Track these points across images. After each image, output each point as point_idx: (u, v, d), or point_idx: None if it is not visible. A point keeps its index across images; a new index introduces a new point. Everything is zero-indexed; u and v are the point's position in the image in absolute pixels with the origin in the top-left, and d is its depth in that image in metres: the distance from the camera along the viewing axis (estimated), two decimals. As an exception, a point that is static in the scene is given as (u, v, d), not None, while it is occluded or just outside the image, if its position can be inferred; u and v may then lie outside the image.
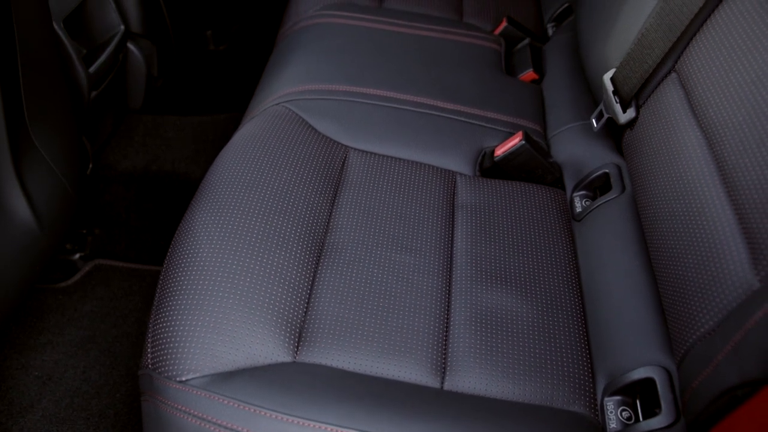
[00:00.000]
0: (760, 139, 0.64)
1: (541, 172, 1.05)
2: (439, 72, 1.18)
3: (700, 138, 0.75)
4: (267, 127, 1.01)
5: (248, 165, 0.92)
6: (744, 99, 0.68)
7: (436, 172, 1.00)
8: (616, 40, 0.98)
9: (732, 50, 0.73)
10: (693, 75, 0.80)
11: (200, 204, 0.89)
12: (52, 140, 1.00)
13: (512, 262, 0.88)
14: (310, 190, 0.91)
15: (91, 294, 1.32)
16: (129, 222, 1.46)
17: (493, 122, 1.11)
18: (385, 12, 1.35)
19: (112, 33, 1.32)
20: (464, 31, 1.32)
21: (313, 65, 1.17)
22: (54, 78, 0.99)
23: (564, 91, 1.19)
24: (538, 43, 1.36)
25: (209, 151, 1.60)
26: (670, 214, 0.76)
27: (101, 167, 1.54)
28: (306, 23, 1.31)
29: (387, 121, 1.07)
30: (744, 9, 0.73)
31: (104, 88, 1.31)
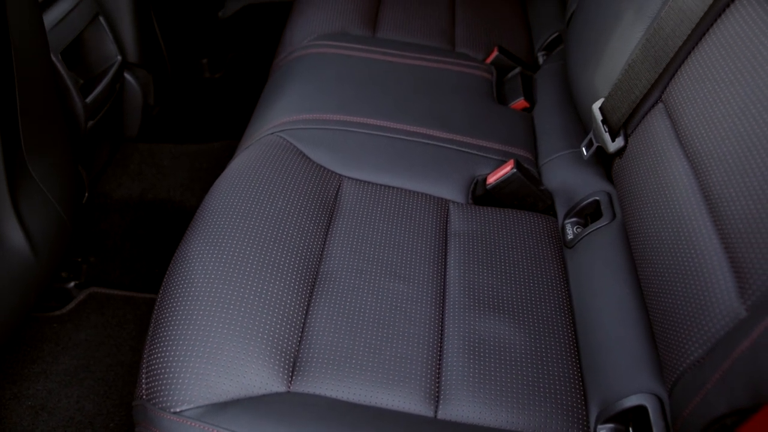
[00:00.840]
0: (744, 170, 0.65)
1: (532, 200, 1.06)
2: (431, 101, 1.20)
3: (686, 168, 0.76)
4: (261, 156, 1.02)
5: (243, 194, 0.93)
6: (728, 130, 0.70)
7: (429, 200, 1.02)
8: (604, 70, 1.00)
9: (716, 82, 0.75)
10: (679, 106, 0.81)
11: (195, 234, 0.90)
12: (49, 170, 1.01)
13: (505, 290, 0.89)
14: (304, 219, 0.92)
15: (85, 322, 1.32)
16: (124, 250, 1.46)
17: (485, 150, 1.12)
18: (378, 42, 1.37)
19: (109, 63, 1.34)
20: (456, 60, 1.34)
21: (307, 95, 1.18)
22: (51, 109, 1.01)
23: (554, 119, 1.21)
24: (529, 71, 1.38)
25: (204, 179, 1.61)
26: (659, 242, 0.77)
27: (97, 195, 1.55)
28: (300, 53, 1.33)
29: (380, 150, 1.08)
30: (726, 43, 0.75)
31: (101, 118, 1.32)
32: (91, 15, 1.24)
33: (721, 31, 0.76)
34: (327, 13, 1.44)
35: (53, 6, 1.15)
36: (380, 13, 1.48)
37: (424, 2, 1.53)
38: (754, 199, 0.62)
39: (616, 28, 0.99)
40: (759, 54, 0.68)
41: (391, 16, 1.47)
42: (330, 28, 1.40)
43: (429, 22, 1.47)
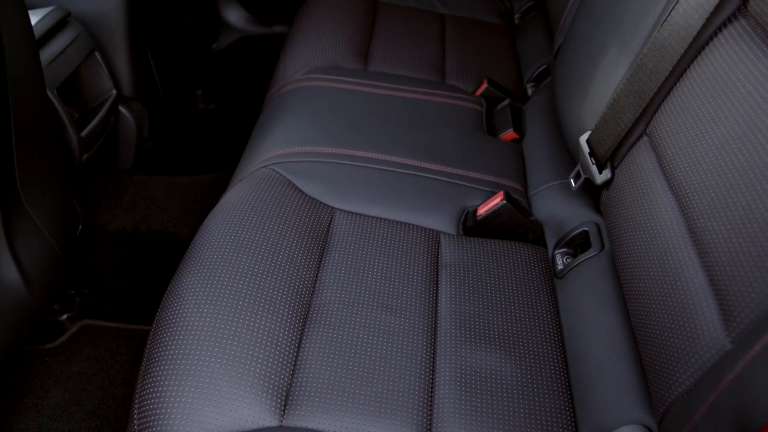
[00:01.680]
0: (725, 204, 0.67)
1: (522, 231, 1.07)
2: (422, 133, 1.22)
3: (671, 200, 0.78)
4: (254, 189, 1.03)
5: (236, 227, 0.94)
6: (710, 164, 0.72)
7: (421, 232, 1.03)
8: (591, 103, 1.02)
9: (697, 117, 0.76)
10: (663, 139, 0.83)
11: (188, 267, 0.91)
12: (43, 205, 1.02)
13: (496, 321, 0.90)
14: (296, 252, 0.93)
15: (77, 355, 1.32)
16: (117, 282, 1.47)
17: (476, 182, 1.14)
18: (370, 75, 1.39)
19: (105, 97, 1.35)
20: (447, 92, 1.36)
21: (299, 128, 1.20)
22: (46, 144, 1.02)
23: (543, 150, 1.23)
24: (518, 103, 1.40)
25: (198, 211, 1.62)
26: (646, 274, 0.78)
27: (90, 228, 1.55)
28: (293, 86, 1.35)
29: (372, 182, 1.10)
30: (706, 79, 0.77)
31: (95, 151, 1.34)
32: (87, 50, 1.26)
33: (701, 68, 0.78)
34: (319, 47, 1.46)
35: (50, 42, 1.17)
36: (372, 47, 1.51)
37: (414, 35, 1.57)
38: (736, 232, 0.64)
39: (602, 63, 1.02)
40: (737, 91, 0.70)
41: (382, 49, 1.50)
42: (322, 62, 1.42)
43: (420, 54, 1.50)
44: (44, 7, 1.20)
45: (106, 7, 1.30)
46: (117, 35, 1.35)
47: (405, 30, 1.58)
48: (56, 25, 1.19)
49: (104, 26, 1.33)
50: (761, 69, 0.68)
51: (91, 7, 1.29)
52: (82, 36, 1.25)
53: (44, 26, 1.15)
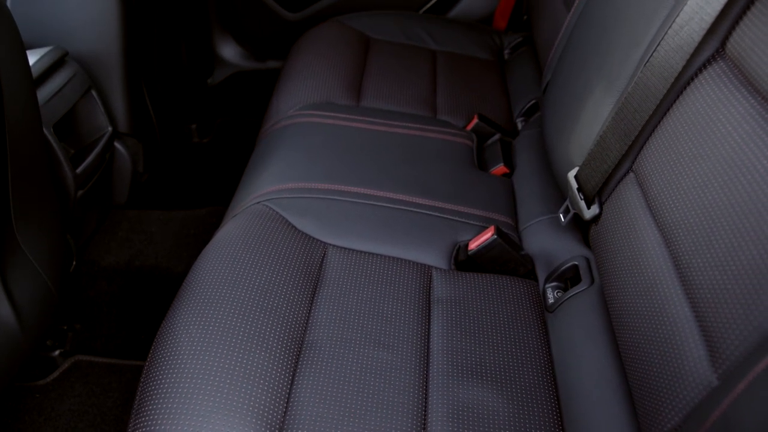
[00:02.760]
0: (709, 241, 0.68)
1: (513, 265, 1.08)
2: (414, 168, 1.24)
3: (657, 237, 0.79)
4: (247, 226, 1.04)
5: (229, 264, 0.95)
6: (694, 202, 0.73)
7: (413, 267, 1.04)
8: (578, 140, 1.04)
9: (680, 155, 0.78)
10: (648, 176, 0.85)
11: (181, 304, 0.91)
12: (38, 242, 1.02)
13: (488, 356, 0.90)
14: (289, 288, 0.94)
15: (69, 392, 1.31)
16: (110, 317, 1.46)
17: (467, 216, 1.15)
18: (363, 111, 1.42)
19: (100, 134, 1.37)
20: (438, 128, 1.39)
21: (292, 164, 1.22)
22: (42, 181, 1.03)
23: (533, 184, 1.25)
24: (508, 137, 1.43)
25: (192, 246, 1.63)
26: (634, 309, 0.79)
27: (84, 263, 1.56)
28: (286, 122, 1.37)
29: (364, 218, 1.11)
30: (688, 119, 0.79)
31: (90, 186, 1.35)
32: (84, 89, 1.28)
33: (684, 108, 0.81)
34: (312, 83, 1.49)
35: (47, 81, 1.19)
36: (364, 83, 1.53)
37: (406, 71, 1.59)
38: (719, 269, 0.65)
39: (588, 101, 1.04)
40: (717, 131, 0.72)
41: (374, 85, 1.52)
42: (315, 98, 1.44)
43: (411, 90, 1.53)
44: (43, 47, 1.22)
45: (103, 46, 1.32)
46: (113, 73, 1.37)
47: (397, 66, 1.61)
48: (54, 65, 1.21)
49: (101, 64, 1.36)
50: (739, 110, 0.70)
51: (89, 47, 1.31)
52: (79, 75, 1.27)
53: (42, 66, 1.17)
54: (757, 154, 0.65)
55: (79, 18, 1.27)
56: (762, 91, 0.68)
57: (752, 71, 0.71)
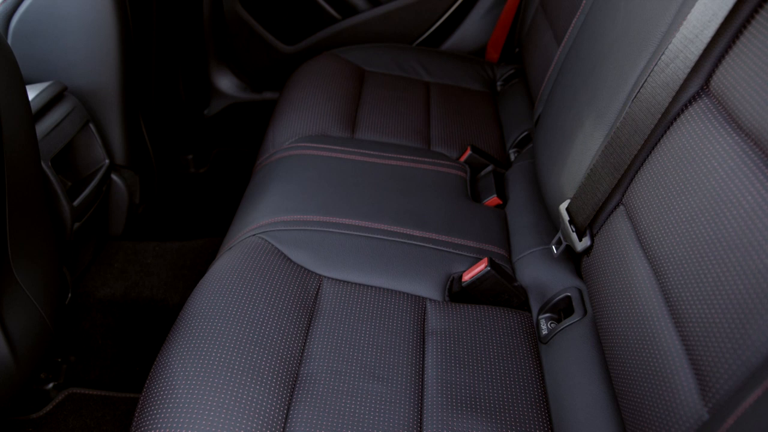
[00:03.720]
0: (697, 275, 0.69)
1: (507, 296, 1.09)
2: (408, 200, 1.25)
3: (647, 270, 0.80)
4: (243, 259, 1.05)
5: (224, 298, 0.96)
6: (682, 236, 0.74)
7: (407, 299, 1.05)
8: (569, 172, 1.06)
9: (668, 189, 0.80)
10: (638, 210, 0.86)
11: (177, 338, 0.91)
12: (34, 275, 1.03)
13: (482, 389, 0.91)
14: (284, 321, 0.95)
15: (62, 426, 1.30)
16: (105, 349, 1.46)
17: (461, 248, 1.16)
18: (357, 143, 1.43)
19: (98, 166, 1.38)
20: (432, 159, 1.41)
21: (288, 196, 1.23)
22: (39, 215, 1.04)
23: (526, 215, 1.26)
24: (501, 168, 1.45)
25: (188, 277, 1.63)
26: (626, 342, 0.80)
27: (79, 295, 1.56)
28: (282, 155, 1.39)
29: (359, 250, 1.12)
30: (675, 153, 0.81)
31: (87, 219, 1.35)
32: (82, 123, 1.30)
33: (671, 143, 0.82)
34: (308, 116, 1.51)
35: (46, 116, 1.21)
36: (359, 115, 1.56)
37: (400, 103, 1.62)
38: (707, 303, 0.66)
39: (578, 134, 1.06)
40: (703, 166, 0.74)
41: (369, 117, 1.54)
42: (310, 130, 1.46)
43: (405, 122, 1.55)
44: (42, 82, 1.24)
45: (101, 80, 1.34)
46: (111, 106, 1.39)
47: (391, 98, 1.64)
48: (53, 99, 1.22)
49: (99, 98, 1.37)
50: (724, 146, 0.72)
51: (88, 81, 1.33)
52: (78, 109, 1.28)
53: (41, 101, 1.18)
54: (742, 189, 0.66)
55: (79, 53, 1.29)
56: (745, 127, 0.70)
57: (735, 108, 0.72)
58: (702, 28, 0.78)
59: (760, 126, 0.67)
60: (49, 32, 1.26)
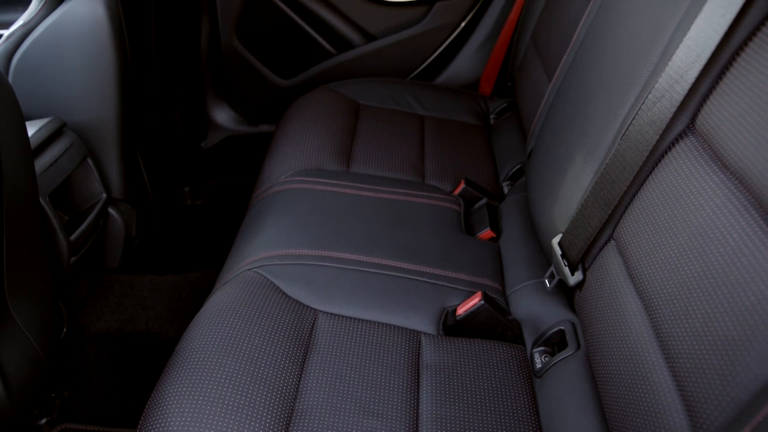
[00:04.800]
0: (686, 311, 0.70)
1: (501, 330, 1.10)
2: (403, 234, 1.26)
3: (638, 305, 0.81)
4: (238, 293, 1.06)
5: (220, 333, 0.96)
6: (671, 271, 0.76)
7: (402, 333, 1.05)
8: (561, 207, 1.08)
9: (657, 225, 0.81)
10: (628, 245, 0.88)
11: (172, 373, 0.92)
12: (30, 310, 1.03)
13: (477, 424, 0.91)
14: (280, 356, 0.95)
15: (55, 461, 1.29)
16: (99, 383, 1.45)
17: (455, 282, 1.17)
18: (352, 176, 1.45)
19: (95, 201, 1.39)
20: (426, 193, 1.42)
21: (283, 230, 1.24)
22: (36, 251, 1.05)
23: (520, 249, 1.28)
24: (495, 202, 1.46)
25: (183, 310, 1.63)
26: (617, 376, 0.81)
27: (75, 329, 1.56)
28: (277, 189, 1.40)
29: (354, 284, 1.13)
30: (664, 190, 0.82)
31: (83, 253, 1.36)
32: (80, 158, 1.31)
33: (659, 180, 0.84)
34: (303, 150, 1.53)
35: (45, 152, 1.22)
36: (354, 148, 1.58)
37: (395, 137, 1.64)
38: (697, 339, 0.67)
39: (570, 169, 1.08)
40: (690, 203, 0.75)
41: (364, 151, 1.56)
42: (306, 164, 1.48)
43: (400, 155, 1.57)
44: (42, 118, 1.26)
45: (100, 115, 1.36)
46: (109, 141, 1.41)
47: (386, 131, 1.66)
48: (52, 135, 1.24)
49: (98, 133, 1.39)
50: (710, 184, 0.73)
51: (87, 116, 1.35)
52: (76, 144, 1.30)
53: (40, 137, 1.20)
54: (728, 227, 0.68)
55: (79, 89, 1.32)
56: (730, 166, 0.72)
57: (720, 147, 0.74)
58: (686, 68, 0.80)
59: (744, 165, 0.69)
60: (50, 69, 1.28)
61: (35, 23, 1.25)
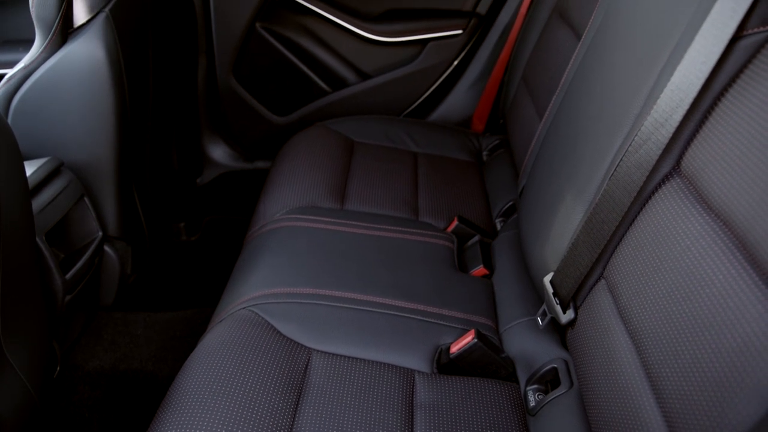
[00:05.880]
0: (675, 351, 0.71)
1: (494, 367, 1.10)
2: (396, 271, 1.28)
3: (629, 344, 0.82)
4: (233, 332, 1.06)
5: (214, 373, 0.96)
6: (659, 311, 0.77)
7: (396, 372, 1.05)
8: (552, 246, 1.09)
9: (645, 265, 0.83)
10: (618, 284, 0.89)
11: (166, 414, 0.92)
12: (23, 350, 1.03)
13: (471, 464, 0.91)
14: (273, 396, 0.95)
15: (46, 504, 1.28)
16: (92, 423, 1.44)
17: (448, 319, 1.18)
18: (347, 214, 1.47)
19: (91, 239, 1.40)
20: (420, 230, 1.44)
21: (278, 269, 1.25)
22: (32, 290, 1.05)
23: (512, 285, 1.29)
24: (488, 239, 1.48)
25: (177, 349, 1.63)
26: (609, 415, 0.81)
27: (68, 368, 1.55)
28: (272, 226, 1.42)
29: (348, 322, 1.13)
30: (652, 231, 0.84)
31: (78, 291, 1.36)
32: (77, 197, 1.33)
33: (647, 221, 0.86)
34: (298, 187, 1.55)
35: (42, 191, 1.23)
36: (348, 185, 1.59)
37: (389, 174, 1.66)
38: (686, 380, 0.68)
39: (560, 208, 1.10)
40: (677, 244, 0.77)
41: (358, 188, 1.58)
42: (301, 202, 1.50)
43: (394, 193, 1.59)
44: (40, 158, 1.27)
45: (98, 155, 1.38)
46: (106, 180, 1.42)
47: (380, 168, 1.68)
48: (49, 175, 1.25)
49: (95, 172, 1.40)
50: (696, 226, 0.75)
51: (84, 156, 1.36)
52: (73, 183, 1.31)
53: (38, 177, 1.21)
54: (714, 269, 0.69)
55: (77, 130, 1.33)
56: (714, 208, 0.74)
57: (705, 189, 0.76)
58: (671, 112, 0.83)
59: (728, 207, 0.71)
60: (49, 110, 1.30)
61: (36, 65, 1.27)
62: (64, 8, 1.23)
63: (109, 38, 1.29)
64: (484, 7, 2.07)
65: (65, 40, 1.28)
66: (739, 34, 0.75)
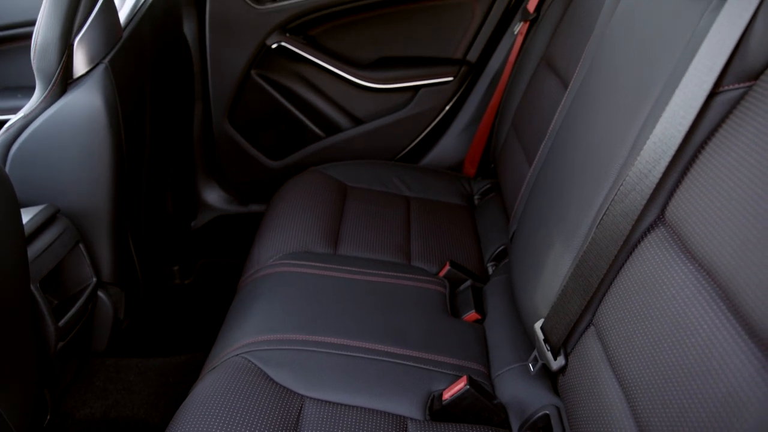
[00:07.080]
0: (663, 401, 0.72)
1: (487, 414, 1.10)
2: (389, 317, 1.28)
3: (618, 391, 0.83)
4: (226, 380, 1.06)
5: (206, 423, 0.96)
6: (648, 359, 0.78)
7: (388, 419, 1.05)
8: (542, 292, 1.10)
9: (633, 313, 0.84)
10: (607, 331, 0.90)
11: (157, 465, 0.91)
12: (14, 398, 1.02)
13: None
14: (265, 446, 0.95)
15: None
16: (81, 471, 1.43)
17: (440, 365, 1.18)
18: (339, 259, 1.48)
19: (84, 285, 1.40)
20: (412, 275, 1.45)
21: (270, 315, 1.26)
22: (24, 337, 1.05)
23: (504, 331, 1.29)
24: (480, 283, 1.49)
25: (169, 395, 1.62)
26: (601, 466, 0.81)
27: (59, 415, 1.53)
28: (265, 272, 1.43)
29: (341, 369, 1.14)
30: (638, 279, 0.86)
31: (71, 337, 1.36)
32: (72, 244, 1.33)
33: (633, 269, 0.88)
34: (292, 232, 1.56)
35: (38, 238, 1.24)
36: (341, 230, 1.61)
37: (381, 218, 1.68)
38: (674, 430, 0.69)
39: (550, 255, 1.12)
40: (663, 293, 0.78)
41: (351, 233, 1.60)
42: (294, 247, 1.51)
43: (386, 237, 1.60)
44: (36, 206, 1.29)
45: (93, 201, 1.39)
46: (101, 226, 1.43)
47: (373, 213, 1.70)
48: (45, 222, 1.27)
49: (91, 218, 1.42)
50: (680, 275, 0.77)
51: (80, 203, 1.38)
52: (69, 230, 1.32)
53: (34, 224, 1.22)
54: (698, 318, 0.71)
55: (74, 177, 1.35)
56: (698, 258, 0.76)
57: (688, 239, 0.78)
58: (654, 164, 0.85)
59: (710, 257, 0.73)
60: (46, 159, 1.32)
61: (35, 115, 1.30)
62: (65, 60, 1.26)
63: (107, 89, 1.32)
64: (474, 55, 2.13)
65: (65, 90, 1.31)
66: (716, 90, 0.78)
